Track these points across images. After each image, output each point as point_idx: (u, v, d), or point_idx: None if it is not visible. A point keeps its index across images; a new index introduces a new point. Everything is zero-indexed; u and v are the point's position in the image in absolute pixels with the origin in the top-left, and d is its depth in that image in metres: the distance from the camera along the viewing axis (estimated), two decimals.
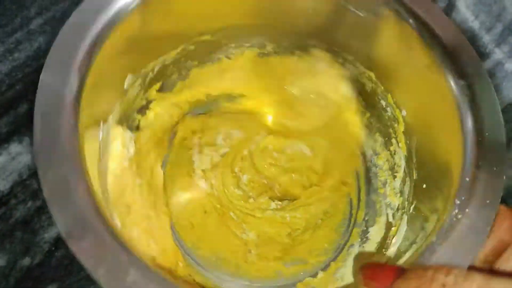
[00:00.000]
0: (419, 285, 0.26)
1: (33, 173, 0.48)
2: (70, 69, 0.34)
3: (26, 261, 0.45)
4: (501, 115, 0.36)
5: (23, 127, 0.49)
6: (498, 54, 0.56)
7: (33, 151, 0.32)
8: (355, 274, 0.44)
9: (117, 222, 0.41)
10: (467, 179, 0.34)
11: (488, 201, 0.34)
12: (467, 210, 0.34)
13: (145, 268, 0.30)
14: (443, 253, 0.33)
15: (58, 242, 0.46)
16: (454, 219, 0.34)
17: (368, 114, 0.49)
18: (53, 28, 0.52)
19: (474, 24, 0.56)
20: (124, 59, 0.40)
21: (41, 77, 0.34)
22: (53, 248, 0.46)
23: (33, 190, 0.47)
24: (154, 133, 0.49)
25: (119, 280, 0.29)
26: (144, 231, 0.43)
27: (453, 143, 0.37)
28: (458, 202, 0.34)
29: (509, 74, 0.55)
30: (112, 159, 0.44)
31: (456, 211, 0.34)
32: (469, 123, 0.36)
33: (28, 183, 0.47)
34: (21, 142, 0.48)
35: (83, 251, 0.30)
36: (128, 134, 0.46)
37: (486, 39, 0.53)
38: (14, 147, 0.48)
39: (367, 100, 0.49)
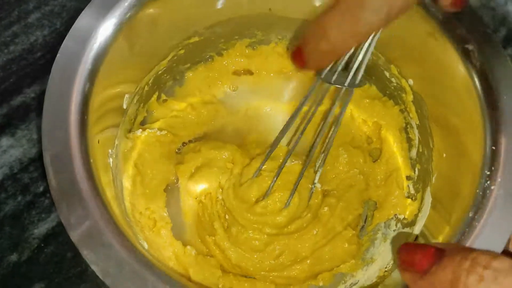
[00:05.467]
0: (455, 277, 0.24)
1: (24, 167, 0.46)
2: (67, 112, 0.34)
3: (14, 257, 0.43)
4: None
5: (16, 120, 0.47)
6: None
7: (53, 198, 0.32)
8: (395, 257, 0.41)
9: (143, 243, 0.40)
10: (493, 147, 0.33)
11: None
12: (499, 179, 0.32)
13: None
14: (482, 227, 0.32)
15: (48, 238, 0.43)
16: (488, 191, 0.32)
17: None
18: (50, 23, 0.52)
19: None
20: (119, 83, 0.40)
21: (43, 121, 0.33)
22: (42, 245, 0.43)
23: (23, 185, 0.45)
24: (161, 144, 0.47)
25: None
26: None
27: (469, 109, 0.35)
28: (488, 172, 0.33)
29: None
30: (126, 178, 0.43)
31: (488, 182, 0.33)
32: (483, 87, 0.34)
33: (19, 177, 0.45)
34: (13, 135, 0.47)
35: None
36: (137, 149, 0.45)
37: None
38: (6, 140, 0.47)
39: (369, 72, 0.47)
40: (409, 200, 0.44)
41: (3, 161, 0.46)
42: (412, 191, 0.45)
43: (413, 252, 0.27)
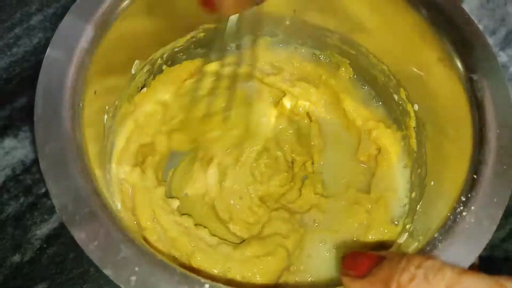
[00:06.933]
0: (390, 275, 0.25)
1: (27, 169, 0.46)
2: (75, 50, 0.35)
3: (16, 258, 0.43)
4: None
5: (19, 121, 0.48)
6: (502, 57, 0.55)
7: (34, 126, 0.31)
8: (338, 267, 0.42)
9: (117, 203, 0.40)
10: (475, 176, 0.33)
11: (495, 200, 0.32)
12: (472, 207, 0.32)
13: (137, 245, 0.30)
14: (445, 250, 0.32)
15: (50, 239, 0.44)
16: (459, 216, 0.32)
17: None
18: (53, 25, 0.52)
19: None
20: (131, 45, 0.40)
21: (45, 56, 0.35)
22: (45, 245, 0.44)
23: (26, 186, 0.46)
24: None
25: (110, 256, 0.29)
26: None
27: (463, 139, 0.36)
28: (463, 199, 0.33)
29: None
30: (121, 140, 0.43)
31: (461, 207, 0.33)
32: (480, 119, 0.35)
33: (21, 179, 0.46)
34: (16, 137, 0.47)
35: (76, 225, 0.29)
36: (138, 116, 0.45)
37: (490, 42, 0.53)
38: (9, 142, 0.47)
39: (379, 93, 0.48)
40: (392, 225, 0.44)
41: (5, 163, 0.46)
42: (398, 217, 0.44)
43: (356, 257, 0.28)
